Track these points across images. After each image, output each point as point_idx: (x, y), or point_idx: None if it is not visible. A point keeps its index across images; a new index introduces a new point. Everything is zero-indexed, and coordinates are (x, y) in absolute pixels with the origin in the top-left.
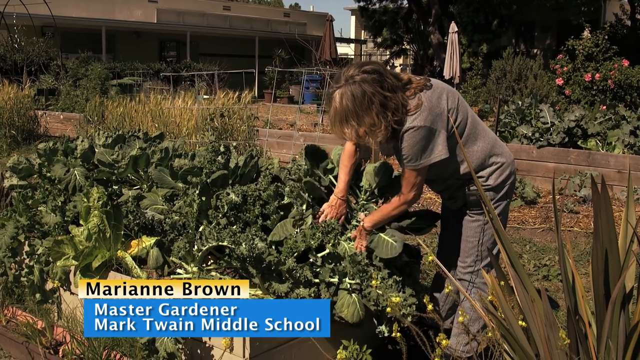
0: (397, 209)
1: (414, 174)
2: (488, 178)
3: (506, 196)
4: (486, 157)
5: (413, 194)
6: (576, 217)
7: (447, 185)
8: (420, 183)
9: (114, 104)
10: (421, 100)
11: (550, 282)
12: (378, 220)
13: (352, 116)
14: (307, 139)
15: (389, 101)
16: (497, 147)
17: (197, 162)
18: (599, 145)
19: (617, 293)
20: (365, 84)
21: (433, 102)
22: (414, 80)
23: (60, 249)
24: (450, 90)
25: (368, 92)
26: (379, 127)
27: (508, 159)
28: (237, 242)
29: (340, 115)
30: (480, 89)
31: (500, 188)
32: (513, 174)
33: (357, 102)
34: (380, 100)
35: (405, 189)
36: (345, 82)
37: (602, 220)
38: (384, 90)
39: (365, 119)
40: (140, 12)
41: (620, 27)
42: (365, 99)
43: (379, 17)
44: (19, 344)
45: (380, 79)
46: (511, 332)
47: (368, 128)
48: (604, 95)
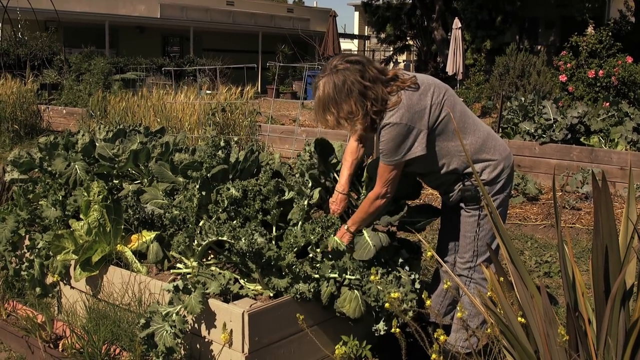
0: (373, 205)
1: (388, 168)
2: (481, 173)
3: (502, 190)
4: (476, 152)
5: (386, 189)
6: (578, 214)
7: (441, 181)
8: (394, 179)
9: (117, 99)
10: (400, 97)
11: (551, 279)
12: (359, 219)
13: (333, 103)
14: (309, 134)
15: (368, 90)
16: (489, 142)
17: (197, 157)
18: (601, 142)
19: (617, 289)
20: (347, 72)
21: (413, 100)
22: (400, 78)
23: (60, 243)
24: (437, 85)
25: (348, 81)
26: (357, 115)
27: (501, 154)
28: (236, 237)
29: (322, 102)
30: (483, 85)
31: (494, 182)
32: (507, 168)
33: (337, 89)
34: (359, 89)
35: (378, 183)
36: (329, 71)
37: (602, 217)
38: (364, 80)
39: (344, 106)
40: (143, 7)
41: (624, 24)
42: (345, 87)
43: (382, 12)
44: (19, 337)
45: (362, 69)
46: (510, 328)
47: (346, 115)
48: (607, 92)
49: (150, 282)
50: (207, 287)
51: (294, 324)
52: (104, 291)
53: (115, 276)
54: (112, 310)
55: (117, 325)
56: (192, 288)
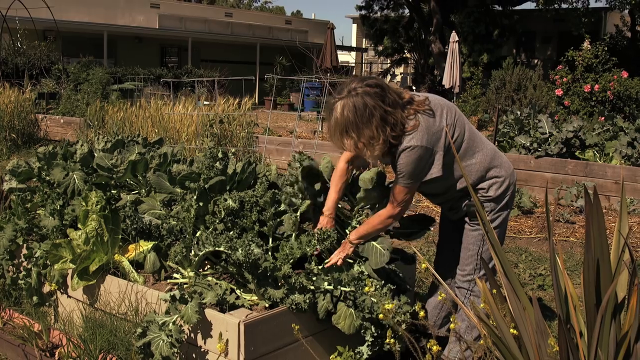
0: (383, 223)
1: (404, 190)
2: (488, 189)
3: (506, 206)
4: (485, 170)
5: (399, 209)
6: (572, 227)
7: (448, 198)
8: (408, 200)
9: (115, 109)
10: (419, 121)
11: (545, 292)
12: (364, 234)
13: (353, 128)
14: (306, 146)
15: (389, 115)
16: (496, 159)
17: (195, 168)
18: (596, 156)
19: (607, 302)
20: (368, 97)
21: (430, 122)
22: (415, 101)
23: (58, 252)
24: (448, 106)
25: (369, 105)
26: (378, 140)
27: (507, 171)
28: (233, 247)
29: (341, 126)
30: (479, 98)
31: (500, 199)
32: (512, 184)
33: (359, 114)
34: (380, 114)
35: (393, 203)
36: (347, 93)
37: (594, 230)
38: (385, 105)
39: (365, 131)
40: (142, 17)
41: (620, 39)
42: (367, 111)
43: (380, 25)
44: (16, 346)
45: (382, 94)
46: (503, 340)
47: (367, 140)
48: (603, 106)
49: (147, 292)
50: (203, 297)
51: (290, 335)
52: (100, 300)
53: (113, 285)
54: (109, 320)
55: (113, 334)
56: (189, 298)
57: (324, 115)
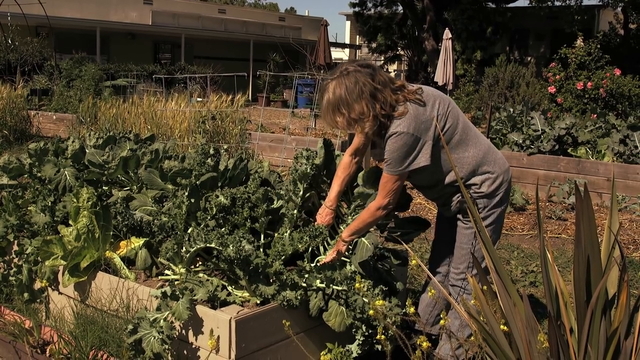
0: (373, 215)
1: (392, 179)
2: (481, 185)
3: (500, 203)
4: (478, 164)
5: (388, 199)
6: (564, 224)
7: (441, 193)
8: (396, 190)
9: (107, 105)
10: (407, 108)
11: (537, 288)
12: (355, 230)
13: (344, 104)
14: (298, 143)
15: (378, 93)
16: (490, 155)
17: (187, 164)
18: (589, 153)
19: (597, 298)
20: (358, 74)
21: (420, 111)
22: (407, 89)
23: (49, 248)
24: (442, 97)
25: (360, 82)
26: (367, 116)
27: (501, 167)
28: (224, 244)
29: (333, 104)
30: (473, 95)
31: (493, 195)
32: (506, 181)
33: (349, 90)
34: (370, 90)
35: (380, 194)
36: (339, 74)
37: (584, 227)
38: (375, 83)
39: (356, 106)
40: (135, 13)
41: (613, 36)
42: (357, 87)
43: (374, 22)
44: (6, 343)
45: (372, 73)
46: (493, 336)
47: (357, 116)
48: (595, 103)
49: (139, 289)
50: (194, 293)
51: (281, 331)
52: (92, 297)
53: (104, 282)
54: (100, 316)
55: (104, 331)
56: (180, 294)
57: (318, 100)
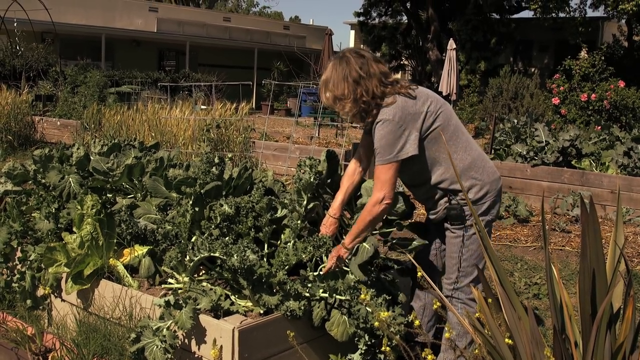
0: (371, 213)
1: (383, 169)
2: (468, 191)
3: (486, 212)
4: (464, 169)
5: (383, 192)
6: (568, 237)
7: (429, 194)
8: (390, 181)
9: (112, 112)
10: (396, 99)
11: (540, 301)
12: (356, 232)
13: (331, 83)
14: (302, 152)
15: (362, 80)
16: (478, 162)
17: (191, 173)
18: (592, 165)
19: (603, 313)
20: (350, 59)
21: (409, 103)
22: (399, 84)
23: (52, 255)
24: (436, 98)
25: (347, 67)
26: (348, 98)
27: (489, 177)
28: (228, 253)
29: (324, 81)
30: (477, 106)
31: (477, 203)
32: (493, 191)
33: (338, 71)
34: (354, 76)
35: (375, 187)
36: (337, 57)
37: (589, 240)
38: (361, 71)
39: (339, 86)
40: (140, 20)
41: (617, 48)
42: (344, 71)
43: (378, 32)
44: (8, 349)
45: (362, 62)
46: (497, 349)
47: (339, 95)
48: (599, 115)
49: (142, 297)
50: (198, 302)
51: (284, 341)
52: (94, 305)
53: (107, 290)
54: (103, 324)
55: (107, 339)
56: (183, 303)
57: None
